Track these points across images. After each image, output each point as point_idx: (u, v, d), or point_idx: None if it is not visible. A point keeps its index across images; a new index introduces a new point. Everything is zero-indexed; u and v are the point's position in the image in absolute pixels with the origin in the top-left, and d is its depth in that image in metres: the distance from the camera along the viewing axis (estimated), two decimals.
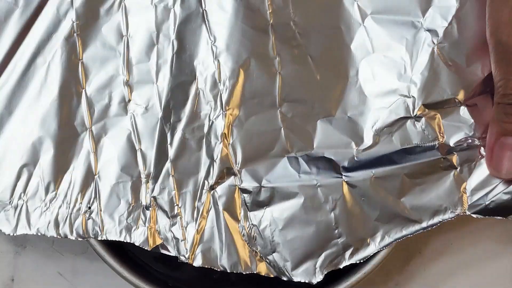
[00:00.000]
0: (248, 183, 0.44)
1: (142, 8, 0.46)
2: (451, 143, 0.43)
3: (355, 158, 0.43)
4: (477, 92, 0.43)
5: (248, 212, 0.43)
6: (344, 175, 0.43)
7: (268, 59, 0.45)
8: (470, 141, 0.43)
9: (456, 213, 0.42)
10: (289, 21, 0.45)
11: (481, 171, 0.42)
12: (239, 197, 0.44)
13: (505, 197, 0.41)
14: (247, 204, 0.44)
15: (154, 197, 0.44)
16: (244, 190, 0.44)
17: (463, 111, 0.43)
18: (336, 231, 0.42)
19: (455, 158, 0.42)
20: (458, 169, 0.42)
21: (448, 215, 0.42)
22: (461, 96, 0.43)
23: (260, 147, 0.44)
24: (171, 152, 0.45)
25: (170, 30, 0.46)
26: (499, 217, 0.41)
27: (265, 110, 0.44)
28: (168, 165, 0.44)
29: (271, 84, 0.45)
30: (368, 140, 0.43)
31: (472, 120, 0.43)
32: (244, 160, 0.44)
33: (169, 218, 0.44)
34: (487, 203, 0.41)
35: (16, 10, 0.47)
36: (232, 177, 0.44)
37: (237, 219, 0.43)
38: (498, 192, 0.42)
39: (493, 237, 0.47)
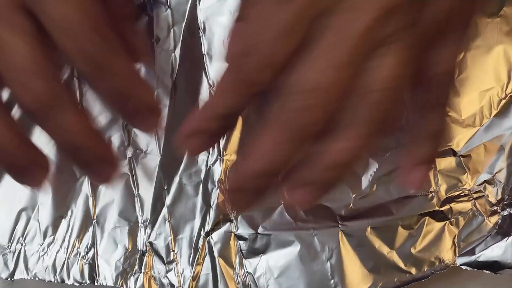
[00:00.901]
0: (244, 230, 0.44)
1: None
2: (445, 193, 0.42)
3: (352, 207, 0.43)
4: (472, 142, 0.43)
5: (244, 260, 0.43)
6: (341, 224, 0.43)
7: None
8: (463, 192, 0.42)
9: (447, 265, 0.42)
10: None
11: (473, 223, 0.42)
12: (235, 244, 0.44)
13: (495, 251, 0.41)
14: (243, 251, 0.43)
15: (151, 243, 0.44)
16: (240, 237, 0.44)
17: (458, 161, 0.43)
18: (332, 281, 0.42)
19: (448, 209, 0.42)
20: (450, 220, 0.42)
21: (440, 266, 0.42)
22: (456, 146, 0.43)
23: None
24: (168, 197, 0.45)
25: (170, 74, 0.46)
26: (487, 271, 0.41)
27: None
28: (164, 210, 0.45)
29: None
30: (365, 188, 0.43)
31: (467, 171, 0.43)
32: None
33: (165, 264, 0.44)
34: (476, 256, 0.41)
35: None
36: (228, 223, 0.44)
37: (232, 266, 0.43)
38: (488, 245, 0.41)
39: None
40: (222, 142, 0.44)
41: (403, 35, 0.31)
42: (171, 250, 0.44)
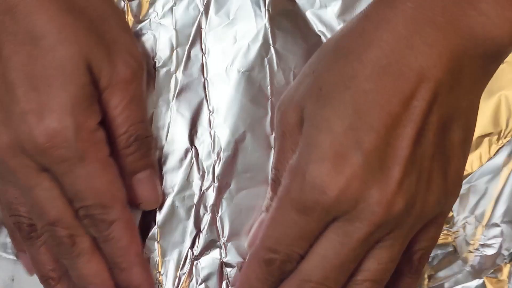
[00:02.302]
0: (233, 258, 0.44)
1: None
2: None
3: None
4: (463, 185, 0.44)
5: (230, 287, 0.43)
6: None
7: (264, 135, 0.45)
8: (445, 230, 0.44)
9: None
10: None
11: (447, 260, 0.44)
12: (222, 271, 0.44)
13: None
14: (229, 278, 0.43)
15: None
16: (227, 264, 0.44)
17: None
18: None
19: None
20: None
21: None
22: None
23: (249, 222, 0.44)
24: (159, 217, 0.44)
25: (170, 95, 0.46)
26: None
27: (257, 185, 0.44)
28: (154, 230, 0.44)
29: (265, 160, 0.45)
30: None
31: (452, 212, 0.44)
32: (231, 233, 0.44)
33: None
34: None
35: None
36: (217, 249, 0.44)
37: None
38: (458, 283, 0.44)
39: None
40: (217, 169, 0.44)
41: (397, 234, 0.37)
42: (157, 271, 0.44)
